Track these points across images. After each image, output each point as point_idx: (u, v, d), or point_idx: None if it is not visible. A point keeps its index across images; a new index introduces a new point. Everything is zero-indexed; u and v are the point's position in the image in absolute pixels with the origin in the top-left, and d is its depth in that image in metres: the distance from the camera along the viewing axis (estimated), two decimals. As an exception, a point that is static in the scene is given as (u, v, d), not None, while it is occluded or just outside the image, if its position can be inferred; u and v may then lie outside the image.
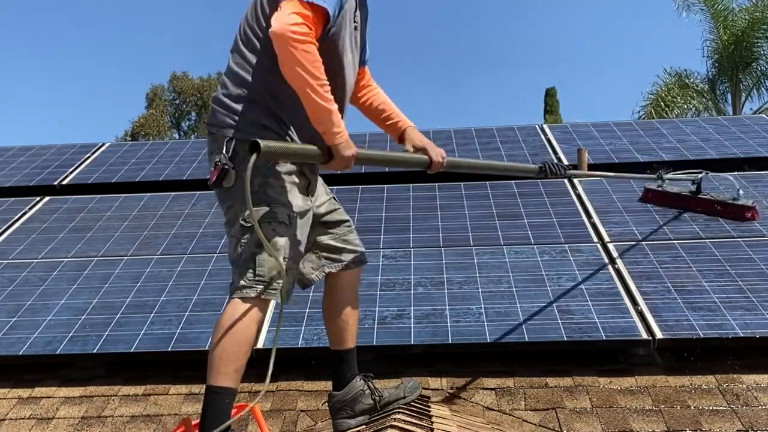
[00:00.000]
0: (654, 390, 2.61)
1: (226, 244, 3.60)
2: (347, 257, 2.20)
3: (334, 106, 1.85)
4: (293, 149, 1.86)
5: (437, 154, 2.19)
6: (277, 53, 1.80)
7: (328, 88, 1.83)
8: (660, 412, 2.49)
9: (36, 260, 3.64)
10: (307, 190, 2.07)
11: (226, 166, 1.89)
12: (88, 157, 5.02)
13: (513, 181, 4.20)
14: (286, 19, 1.74)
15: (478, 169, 2.64)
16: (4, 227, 4.03)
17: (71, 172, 4.76)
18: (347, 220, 2.24)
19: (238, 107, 1.94)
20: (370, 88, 2.34)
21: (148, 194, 4.37)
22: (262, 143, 1.73)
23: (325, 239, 2.17)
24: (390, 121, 2.31)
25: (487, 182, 4.21)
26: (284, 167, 1.96)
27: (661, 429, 2.40)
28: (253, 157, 1.73)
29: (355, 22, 2.03)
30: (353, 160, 1.92)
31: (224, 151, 1.91)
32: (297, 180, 2.00)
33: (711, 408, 2.49)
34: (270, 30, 1.78)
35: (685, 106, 15.17)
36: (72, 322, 3.05)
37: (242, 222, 1.93)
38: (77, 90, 52.14)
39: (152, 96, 29.21)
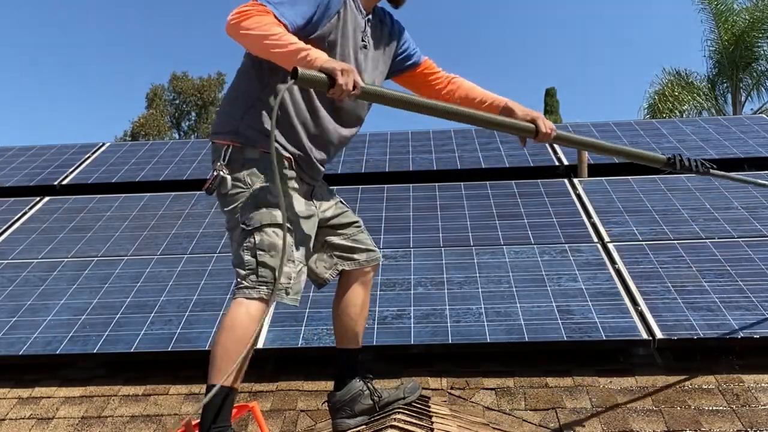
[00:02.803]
0: (654, 390, 2.61)
1: (226, 244, 3.64)
2: (360, 256, 2.21)
3: (297, 45, 1.80)
4: (319, 76, 1.76)
5: (547, 125, 2.16)
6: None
7: (287, 36, 1.82)
8: (660, 412, 2.49)
9: (36, 260, 3.64)
10: (311, 195, 2.09)
11: (221, 174, 1.93)
12: (88, 157, 5.02)
13: (513, 181, 4.20)
14: (231, 14, 1.85)
15: (591, 148, 2.37)
16: (4, 227, 4.03)
17: (71, 172, 4.76)
18: (356, 221, 2.25)
19: (236, 115, 1.99)
20: (446, 82, 2.28)
21: (148, 194, 4.37)
22: (300, 70, 1.71)
23: (335, 239, 2.19)
24: (485, 104, 2.24)
25: (487, 182, 4.22)
26: (282, 174, 1.98)
27: (661, 429, 2.40)
28: (288, 83, 1.75)
29: (363, 41, 2.06)
30: (349, 73, 1.76)
31: (221, 159, 1.95)
32: (297, 186, 2.02)
33: (711, 408, 2.49)
34: None
35: (693, 102, 15.18)
36: (72, 322, 3.05)
37: (243, 226, 1.95)
38: (77, 90, 52.21)
39: (152, 96, 29.23)
